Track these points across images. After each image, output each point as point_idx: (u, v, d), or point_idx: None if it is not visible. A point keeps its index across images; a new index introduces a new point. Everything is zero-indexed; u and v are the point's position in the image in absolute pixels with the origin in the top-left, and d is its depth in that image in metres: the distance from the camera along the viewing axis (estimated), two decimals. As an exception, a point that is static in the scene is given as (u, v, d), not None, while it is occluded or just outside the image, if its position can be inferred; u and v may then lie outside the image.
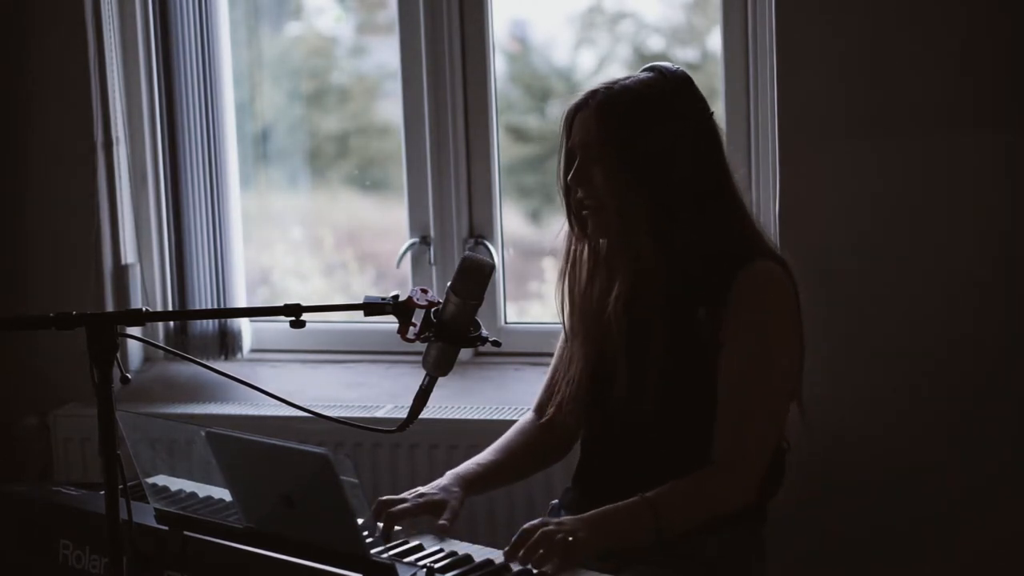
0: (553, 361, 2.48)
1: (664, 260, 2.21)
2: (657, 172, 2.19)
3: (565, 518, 2.10)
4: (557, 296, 2.36)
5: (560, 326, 2.41)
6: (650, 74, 2.27)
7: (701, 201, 2.22)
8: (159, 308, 3.37)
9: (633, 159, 2.19)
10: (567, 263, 2.34)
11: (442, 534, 2.17)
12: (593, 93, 2.25)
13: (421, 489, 2.29)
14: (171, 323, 3.40)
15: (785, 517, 2.50)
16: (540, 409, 2.48)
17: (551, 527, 2.04)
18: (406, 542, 2.14)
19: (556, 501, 2.46)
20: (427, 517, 2.24)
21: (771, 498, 2.33)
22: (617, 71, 2.32)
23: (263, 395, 2.09)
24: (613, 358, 2.27)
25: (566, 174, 2.28)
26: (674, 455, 2.23)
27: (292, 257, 3.64)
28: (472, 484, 2.34)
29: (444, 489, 2.29)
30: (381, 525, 2.19)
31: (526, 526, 2.05)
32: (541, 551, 2.00)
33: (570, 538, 2.01)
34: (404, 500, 2.25)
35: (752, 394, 2.18)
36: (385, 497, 2.25)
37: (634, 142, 2.19)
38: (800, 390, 2.33)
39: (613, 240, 2.25)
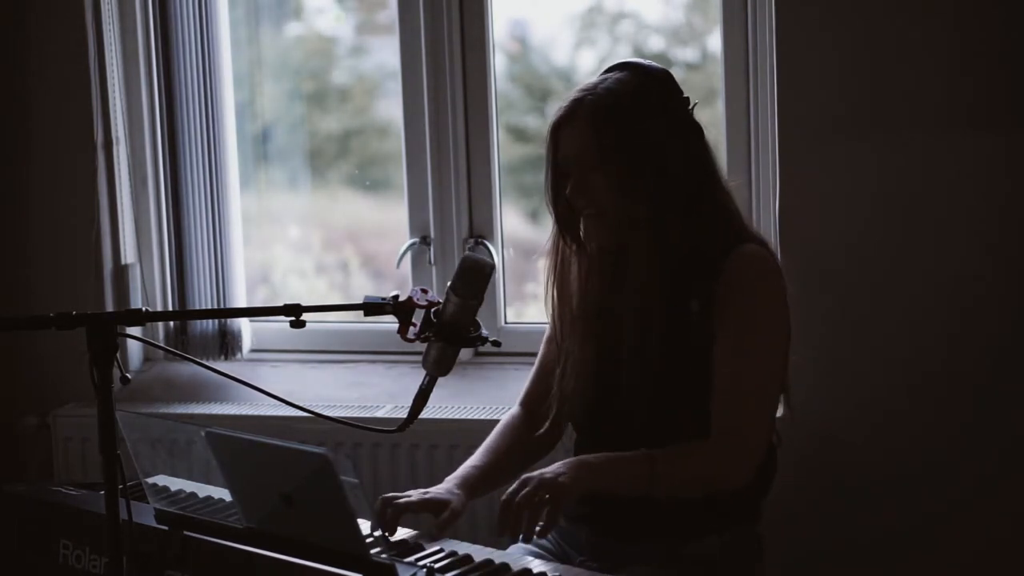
0: (539, 359, 2.47)
1: (661, 257, 2.21)
2: (654, 171, 2.18)
3: (548, 468, 2.10)
4: (548, 300, 2.36)
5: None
6: (626, 73, 2.24)
7: (694, 194, 2.22)
8: (159, 308, 3.37)
9: (631, 162, 2.18)
10: (556, 264, 2.33)
11: (435, 536, 2.17)
12: (578, 102, 2.22)
13: (425, 489, 2.29)
14: (171, 323, 3.40)
15: (781, 516, 2.50)
16: (527, 404, 2.47)
17: (528, 489, 2.04)
18: (405, 541, 2.14)
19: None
20: (427, 515, 2.24)
21: (765, 494, 2.32)
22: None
23: (263, 395, 2.08)
24: (611, 358, 2.27)
25: (554, 187, 2.27)
26: None
27: (292, 257, 3.64)
28: (474, 488, 2.34)
29: (447, 491, 2.29)
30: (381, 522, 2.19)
31: (505, 497, 2.05)
32: (528, 514, 2.02)
33: (547, 495, 2.03)
34: (408, 495, 2.25)
35: (744, 370, 2.18)
36: (388, 494, 2.25)
37: (630, 145, 2.18)
38: (789, 385, 2.32)
39: (615, 243, 2.25)
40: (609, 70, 2.28)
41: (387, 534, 2.13)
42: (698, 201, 2.22)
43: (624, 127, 2.19)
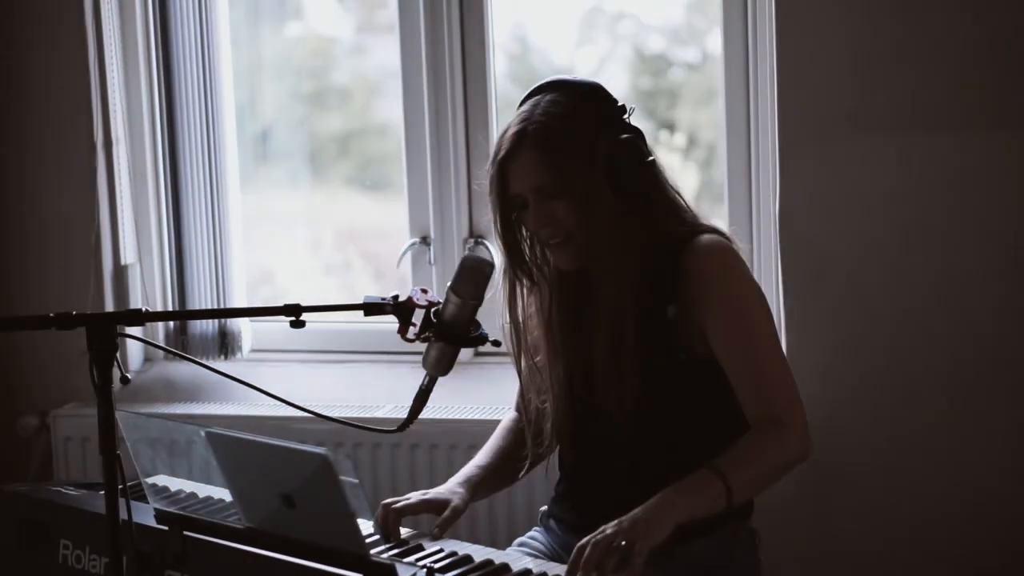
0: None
1: (628, 268, 2.20)
2: (610, 185, 2.17)
3: (623, 519, 2.01)
4: (505, 329, 2.33)
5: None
6: (556, 93, 2.22)
7: (648, 198, 2.22)
8: (159, 308, 3.37)
9: (589, 181, 2.17)
10: (509, 292, 2.30)
11: (436, 535, 2.17)
12: (521, 134, 2.19)
13: (425, 491, 2.30)
14: (171, 323, 3.40)
15: (781, 516, 2.50)
16: (521, 410, 2.47)
17: (604, 536, 1.98)
18: (406, 542, 2.14)
19: (545, 508, 2.45)
20: (428, 516, 2.24)
21: None
22: (617, 71, 2.28)
23: (263, 395, 2.08)
24: (582, 374, 2.26)
25: (504, 222, 2.24)
26: (662, 458, 2.21)
27: (292, 257, 3.64)
28: (477, 488, 2.34)
29: (449, 491, 2.29)
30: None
31: (579, 545, 1.98)
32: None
33: (623, 542, 1.97)
34: (407, 498, 2.25)
35: (753, 349, 2.17)
36: (388, 500, 2.25)
37: (585, 164, 2.16)
38: None
39: (584, 263, 2.24)
40: (534, 93, 2.25)
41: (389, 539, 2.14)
42: (652, 204, 2.22)
43: (576, 148, 2.17)
